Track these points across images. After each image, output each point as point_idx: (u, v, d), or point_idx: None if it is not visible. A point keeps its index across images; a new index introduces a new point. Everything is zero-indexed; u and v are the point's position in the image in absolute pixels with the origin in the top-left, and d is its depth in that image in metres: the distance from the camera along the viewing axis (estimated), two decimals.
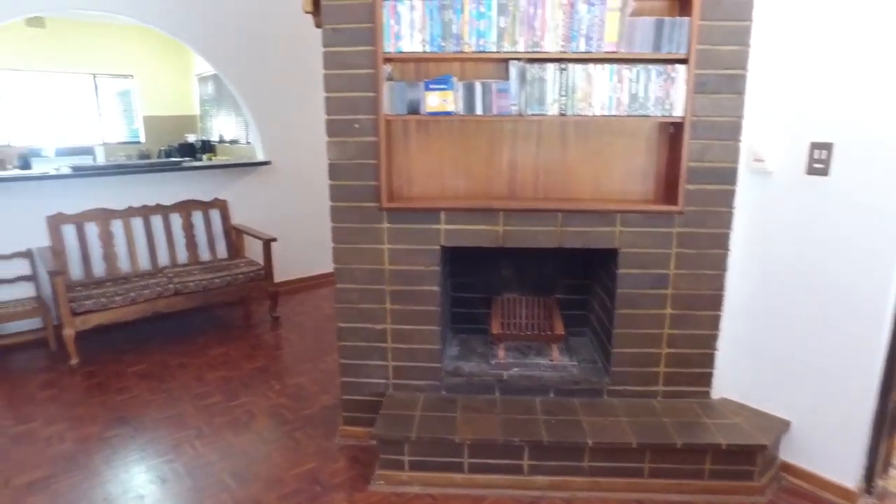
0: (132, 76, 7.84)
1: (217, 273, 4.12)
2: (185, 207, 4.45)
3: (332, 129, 2.44)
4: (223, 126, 7.52)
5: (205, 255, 4.53)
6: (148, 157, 7.55)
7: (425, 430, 2.37)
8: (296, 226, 4.97)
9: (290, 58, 4.75)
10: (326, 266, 5.13)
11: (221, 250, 4.62)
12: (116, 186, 4.18)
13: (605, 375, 2.67)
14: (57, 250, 3.88)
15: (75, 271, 3.98)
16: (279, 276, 4.60)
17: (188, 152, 7.25)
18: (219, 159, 6.49)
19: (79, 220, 4.01)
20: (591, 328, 3.02)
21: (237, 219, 4.71)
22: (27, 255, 3.87)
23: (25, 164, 6.47)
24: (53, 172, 4.09)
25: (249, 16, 4.50)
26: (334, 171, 2.47)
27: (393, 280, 2.55)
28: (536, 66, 2.30)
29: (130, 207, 4.22)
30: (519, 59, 2.31)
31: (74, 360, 3.57)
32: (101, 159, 6.88)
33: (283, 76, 4.76)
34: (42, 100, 7.31)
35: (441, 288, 2.58)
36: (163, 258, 4.36)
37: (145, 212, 4.29)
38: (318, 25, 2.60)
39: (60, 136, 7.43)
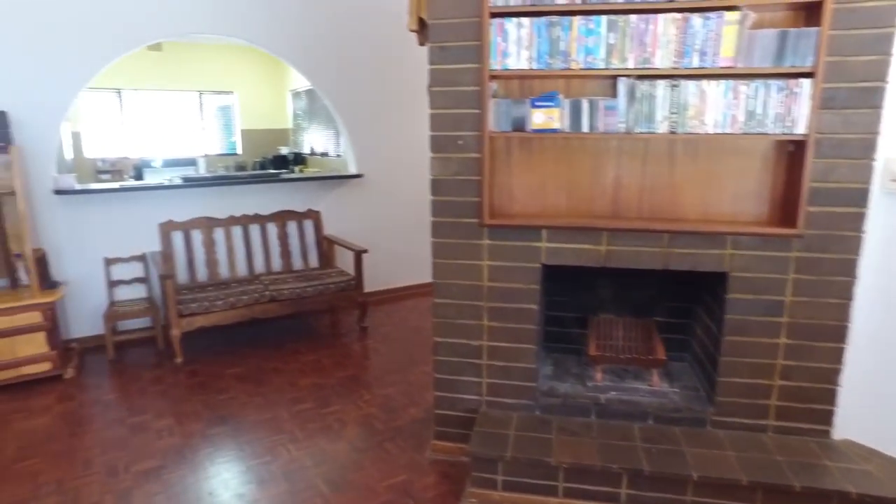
0: (232, 92, 8.38)
1: (309, 282, 4.27)
2: (281, 217, 4.66)
3: (436, 145, 2.47)
4: (314, 139, 7.85)
5: (297, 263, 4.72)
6: (244, 168, 8.01)
7: (520, 450, 2.33)
8: (384, 237, 5.08)
9: (383, 73, 4.90)
10: (414, 278, 5.24)
11: (313, 260, 4.79)
12: (219, 196, 4.44)
13: (708, 405, 2.52)
14: (167, 255, 4.17)
15: (181, 275, 4.26)
16: (367, 287, 4.71)
17: (281, 164, 7.63)
18: (310, 171, 6.76)
19: (186, 228, 4.30)
20: (692, 354, 2.87)
21: (328, 229, 4.87)
22: (141, 258, 4.19)
23: (139, 175, 7.08)
24: (167, 183, 4.42)
25: (346, 34, 4.68)
26: (436, 186, 2.50)
27: (491, 297, 2.54)
28: (646, 82, 2.24)
29: (231, 216, 4.47)
30: (628, 76, 2.25)
31: (179, 359, 3.81)
32: (202, 170, 7.39)
33: (377, 91, 4.91)
34: (154, 116, 7.97)
35: (539, 306, 2.54)
36: (258, 265, 4.57)
37: (244, 221, 4.52)
38: (421, 43, 2.66)
39: (167, 148, 8.06)
